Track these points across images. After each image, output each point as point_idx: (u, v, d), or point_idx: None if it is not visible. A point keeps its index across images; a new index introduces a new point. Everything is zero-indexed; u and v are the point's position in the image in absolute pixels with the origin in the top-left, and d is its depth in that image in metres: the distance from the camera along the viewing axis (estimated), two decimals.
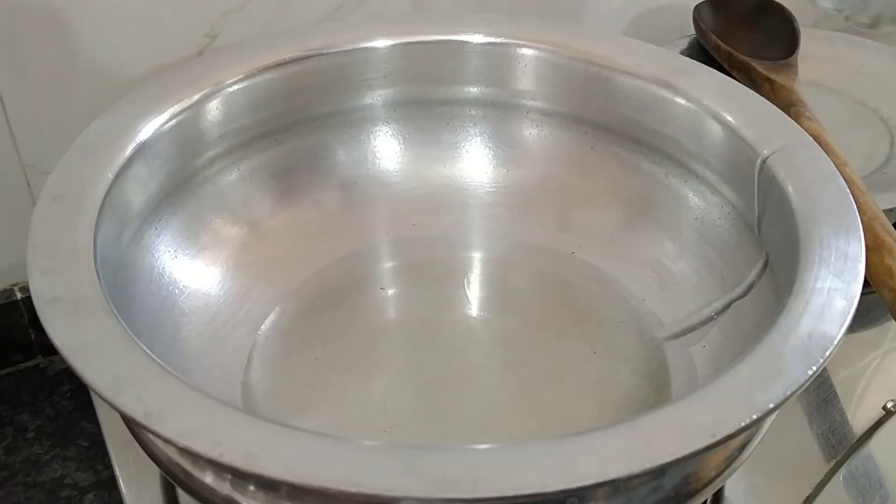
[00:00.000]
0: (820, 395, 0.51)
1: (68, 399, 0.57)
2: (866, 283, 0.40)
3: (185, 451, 0.33)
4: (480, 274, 0.53)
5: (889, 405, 0.50)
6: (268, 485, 0.34)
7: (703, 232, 0.50)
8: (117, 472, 0.47)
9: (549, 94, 0.54)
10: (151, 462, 0.39)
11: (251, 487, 0.35)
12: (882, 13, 0.65)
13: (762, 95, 0.51)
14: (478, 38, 0.54)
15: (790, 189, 0.44)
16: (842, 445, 0.48)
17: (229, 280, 0.50)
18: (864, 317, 0.49)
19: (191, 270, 0.49)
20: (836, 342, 0.36)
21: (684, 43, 0.67)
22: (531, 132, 0.55)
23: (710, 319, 0.48)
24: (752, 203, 0.47)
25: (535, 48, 0.53)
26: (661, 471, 0.33)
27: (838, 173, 0.45)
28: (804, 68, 0.62)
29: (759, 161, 0.46)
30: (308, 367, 0.48)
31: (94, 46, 0.53)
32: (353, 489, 0.31)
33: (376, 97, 0.54)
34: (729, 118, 0.48)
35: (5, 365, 0.59)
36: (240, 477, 0.35)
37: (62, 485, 0.53)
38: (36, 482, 0.53)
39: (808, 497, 0.46)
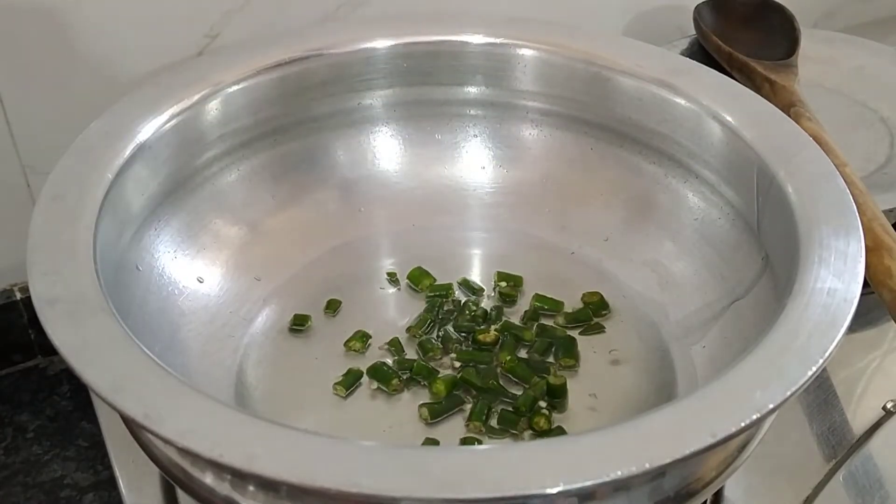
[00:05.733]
0: (820, 395, 0.51)
1: (68, 399, 0.57)
2: (866, 284, 0.40)
3: (184, 452, 0.33)
4: (480, 274, 0.53)
5: (889, 405, 0.50)
6: (267, 485, 0.34)
7: (703, 232, 0.50)
8: (117, 473, 0.47)
9: (549, 94, 0.54)
10: (151, 462, 0.39)
11: (251, 487, 0.35)
12: None
13: (762, 96, 0.51)
14: (478, 38, 0.54)
15: (790, 189, 0.44)
16: (842, 445, 0.48)
17: (229, 280, 0.50)
18: (864, 317, 0.49)
19: (190, 270, 0.49)
20: (836, 342, 0.37)
21: (684, 43, 0.67)
22: (531, 132, 0.55)
23: (710, 319, 0.48)
24: (752, 203, 0.47)
25: (535, 48, 0.53)
26: (661, 471, 0.33)
27: (838, 173, 0.45)
28: (804, 68, 0.62)
29: (758, 161, 0.46)
30: (308, 367, 0.48)
31: (94, 47, 0.53)
32: (353, 489, 0.31)
33: (376, 97, 0.54)
34: (729, 118, 0.48)
35: (5, 365, 0.59)
36: (239, 477, 0.35)
37: (62, 485, 0.53)
38: (36, 482, 0.53)
39: (808, 497, 0.46)
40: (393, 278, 0.52)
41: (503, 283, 0.52)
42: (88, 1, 0.52)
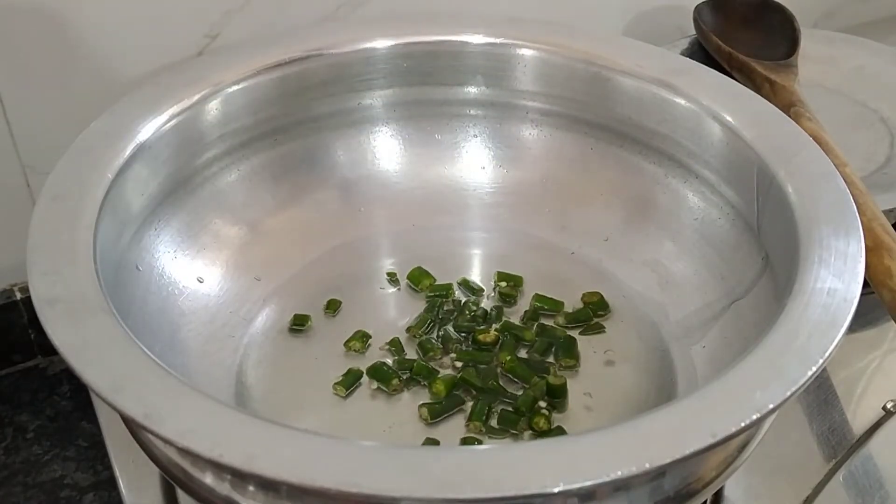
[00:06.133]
0: (820, 395, 0.51)
1: (68, 399, 0.57)
2: (866, 284, 0.40)
3: (184, 452, 0.33)
4: (480, 274, 0.53)
5: (889, 405, 0.50)
6: (267, 485, 0.34)
7: (703, 232, 0.50)
8: (117, 473, 0.47)
9: (549, 94, 0.54)
10: (151, 462, 0.39)
11: (251, 488, 0.35)
12: None
13: (762, 96, 0.51)
14: (478, 38, 0.54)
15: (790, 189, 0.44)
16: (842, 445, 0.48)
17: (229, 280, 0.50)
18: (864, 317, 0.49)
19: (190, 270, 0.49)
20: (836, 342, 0.37)
21: (684, 43, 0.67)
22: (531, 132, 0.55)
23: (710, 319, 0.48)
24: (752, 203, 0.47)
25: (535, 48, 0.53)
26: (661, 471, 0.33)
27: (838, 173, 0.45)
28: (804, 68, 0.62)
29: (758, 161, 0.46)
30: (308, 367, 0.48)
31: (94, 47, 0.53)
32: (353, 489, 0.31)
33: (376, 98, 0.54)
34: (729, 118, 0.48)
35: (5, 365, 0.59)
36: (239, 477, 0.35)
37: (62, 485, 0.53)
38: (36, 482, 0.53)
39: (808, 497, 0.46)
40: (393, 278, 0.52)
41: (503, 283, 0.52)
42: (88, 1, 0.52)
